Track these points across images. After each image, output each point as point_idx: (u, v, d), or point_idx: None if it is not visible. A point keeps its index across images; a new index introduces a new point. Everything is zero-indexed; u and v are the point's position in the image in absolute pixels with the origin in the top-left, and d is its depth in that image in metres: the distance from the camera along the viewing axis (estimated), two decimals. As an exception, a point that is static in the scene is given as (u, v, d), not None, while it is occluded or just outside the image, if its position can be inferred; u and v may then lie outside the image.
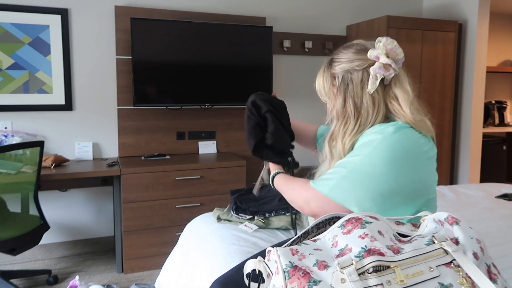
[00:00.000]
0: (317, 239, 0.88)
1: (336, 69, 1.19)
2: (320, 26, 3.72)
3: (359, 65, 1.14)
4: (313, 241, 0.88)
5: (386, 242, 0.82)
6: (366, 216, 0.89)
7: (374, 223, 0.86)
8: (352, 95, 1.14)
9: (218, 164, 3.02)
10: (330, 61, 1.23)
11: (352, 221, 0.88)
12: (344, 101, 1.16)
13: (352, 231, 0.85)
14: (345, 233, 0.86)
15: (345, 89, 1.16)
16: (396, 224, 0.91)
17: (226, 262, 1.53)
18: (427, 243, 0.82)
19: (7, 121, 2.92)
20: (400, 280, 0.75)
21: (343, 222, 0.89)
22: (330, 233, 0.88)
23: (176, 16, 3.20)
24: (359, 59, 1.15)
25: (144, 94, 3.05)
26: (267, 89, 3.34)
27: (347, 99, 1.15)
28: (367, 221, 0.87)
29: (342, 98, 1.16)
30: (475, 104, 3.67)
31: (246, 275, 0.84)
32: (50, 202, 3.07)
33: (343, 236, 0.85)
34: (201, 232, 1.90)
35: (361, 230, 0.85)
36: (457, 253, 0.80)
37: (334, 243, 0.85)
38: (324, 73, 1.22)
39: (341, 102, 1.16)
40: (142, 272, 2.85)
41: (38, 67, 2.95)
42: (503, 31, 4.80)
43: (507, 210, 2.16)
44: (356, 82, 1.14)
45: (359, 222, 0.87)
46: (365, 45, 1.18)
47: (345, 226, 0.88)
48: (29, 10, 2.89)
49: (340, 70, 1.17)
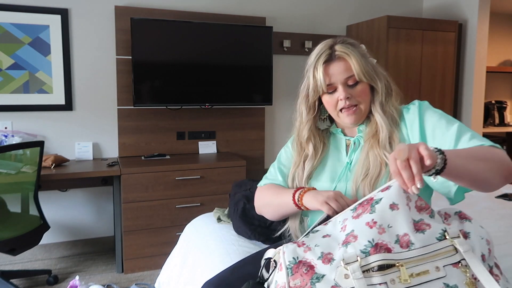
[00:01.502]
0: (328, 222, 0.88)
1: (364, 48, 1.26)
2: (320, 26, 3.72)
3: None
4: (325, 225, 0.88)
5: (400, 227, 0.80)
6: (378, 192, 0.87)
7: (384, 199, 0.84)
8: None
9: (218, 164, 3.02)
10: (349, 43, 1.23)
11: (364, 203, 0.87)
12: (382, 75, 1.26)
13: (361, 215, 0.84)
14: (354, 217, 0.85)
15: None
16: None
17: (226, 262, 1.53)
18: (439, 237, 0.80)
19: (7, 121, 2.92)
20: (405, 279, 0.74)
21: (356, 205, 0.89)
22: (342, 215, 0.88)
23: (176, 16, 3.20)
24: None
25: (144, 94, 3.05)
26: (267, 89, 3.34)
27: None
28: (377, 200, 0.85)
29: (380, 73, 1.26)
30: (475, 104, 3.67)
31: (263, 259, 0.87)
32: (50, 202, 3.07)
33: (352, 220, 0.84)
34: (201, 232, 1.90)
35: (370, 215, 0.83)
36: (468, 253, 0.78)
37: (343, 227, 0.84)
38: (360, 53, 1.22)
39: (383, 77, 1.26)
40: (142, 272, 2.84)
41: (38, 67, 2.95)
42: (503, 31, 4.80)
43: (507, 210, 2.16)
44: None
45: (369, 205, 0.85)
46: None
47: (357, 209, 0.87)
48: (29, 10, 2.89)
49: (365, 51, 1.26)
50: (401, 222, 0.80)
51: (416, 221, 0.81)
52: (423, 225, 0.81)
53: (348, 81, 1.20)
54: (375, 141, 1.21)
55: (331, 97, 1.23)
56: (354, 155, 1.26)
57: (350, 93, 1.20)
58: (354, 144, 1.27)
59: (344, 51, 1.19)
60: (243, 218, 1.73)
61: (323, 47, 1.22)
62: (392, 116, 1.22)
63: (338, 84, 1.20)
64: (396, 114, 1.23)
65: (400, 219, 0.81)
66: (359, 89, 1.21)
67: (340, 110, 1.23)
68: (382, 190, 0.87)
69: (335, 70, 1.19)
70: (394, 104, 1.25)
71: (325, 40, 1.25)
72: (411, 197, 0.86)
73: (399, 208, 0.82)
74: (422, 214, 0.83)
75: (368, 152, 1.20)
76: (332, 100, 1.23)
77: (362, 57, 1.20)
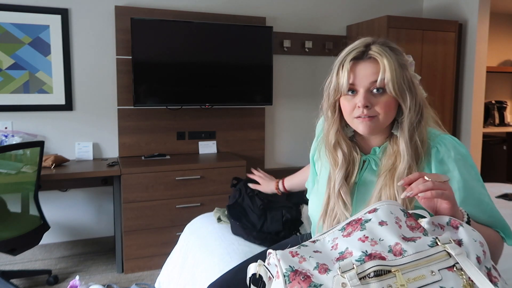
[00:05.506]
0: (316, 240, 0.88)
1: (407, 59, 1.10)
2: (320, 26, 3.72)
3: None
4: (313, 242, 0.87)
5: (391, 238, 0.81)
6: (365, 214, 0.89)
7: (373, 219, 0.86)
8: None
9: (218, 164, 3.02)
10: (389, 47, 1.06)
11: (353, 223, 0.88)
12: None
13: (352, 233, 0.85)
14: (345, 235, 0.85)
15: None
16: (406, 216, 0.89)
17: (226, 262, 1.53)
18: (430, 244, 0.81)
19: (7, 121, 2.92)
20: (401, 284, 0.74)
21: (344, 225, 0.89)
22: (330, 235, 0.87)
23: (176, 16, 3.20)
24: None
25: (144, 94, 3.05)
26: (267, 89, 3.34)
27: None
28: (366, 220, 0.86)
29: (417, 93, 1.08)
30: (475, 104, 3.67)
31: (248, 279, 0.84)
32: (50, 202, 3.07)
33: (343, 238, 0.85)
34: (201, 232, 1.90)
35: (360, 232, 0.84)
36: (460, 257, 0.79)
37: (334, 246, 0.84)
38: (398, 61, 1.04)
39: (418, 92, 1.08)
40: (142, 272, 2.85)
41: (38, 67, 2.95)
42: (503, 31, 4.80)
43: (507, 210, 2.16)
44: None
45: (358, 224, 0.87)
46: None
47: (346, 229, 0.87)
48: (29, 10, 2.89)
49: (408, 61, 1.10)
50: (392, 235, 0.82)
51: (408, 237, 0.83)
52: (415, 238, 0.83)
53: (372, 87, 1.03)
54: (390, 177, 1.05)
55: (349, 101, 1.06)
56: (363, 175, 1.13)
57: (371, 102, 1.03)
58: (363, 163, 1.13)
59: (379, 52, 1.03)
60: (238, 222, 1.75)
61: (358, 44, 1.07)
62: (417, 147, 1.05)
63: (361, 87, 1.04)
64: (421, 146, 1.05)
65: (390, 233, 0.82)
66: (383, 100, 1.03)
67: (356, 117, 1.06)
68: (369, 212, 0.88)
69: (362, 71, 1.03)
70: (423, 133, 1.06)
71: (364, 38, 1.10)
72: (400, 217, 0.87)
73: (388, 224, 0.84)
74: (415, 233, 0.85)
75: (381, 190, 1.05)
76: (349, 104, 1.06)
77: (399, 65, 1.03)
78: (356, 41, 1.09)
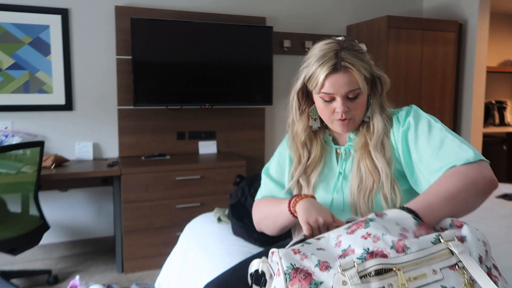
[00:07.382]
0: (321, 237, 0.88)
1: (366, 53, 1.20)
2: (320, 26, 3.72)
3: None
4: (317, 239, 0.88)
5: (393, 235, 0.81)
6: (373, 215, 0.89)
7: (377, 221, 0.86)
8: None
9: (218, 164, 3.02)
10: (355, 51, 1.15)
11: (359, 222, 0.88)
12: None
13: (356, 231, 0.85)
14: (349, 233, 0.85)
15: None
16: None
17: (226, 262, 1.53)
18: (433, 241, 0.81)
19: (7, 121, 2.92)
20: (402, 283, 0.74)
21: (349, 224, 0.89)
22: (336, 232, 0.88)
23: (176, 16, 3.20)
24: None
25: (144, 94, 3.05)
26: (267, 89, 3.34)
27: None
28: (371, 219, 0.87)
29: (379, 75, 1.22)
30: (475, 104, 3.67)
31: (249, 275, 0.84)
32: (50, 202, 3.07)
33: (346, 236, 0.85)
34: (201, 232, 1.90)
35: (364, 230, 0.84)
36: (463, 255, 0.79)
37: (338, 243, 0.84)
38: (364, 63, 1.15)
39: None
40: (142, 272, 2.84)
41: (38, 67, 2.95)
42: (503, 31, 4.79)
43: (507, 210, 2.16)
44: None
45: (363, 222, 0.87)
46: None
47: (350, 227, 0.88)
48: (29, 10, 2.89)
49: (367, 56, 1.21)
50: (396, 230, 0.82)
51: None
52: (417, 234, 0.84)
53: (349, 94, 1.14)
54: (364, 151, 1.18)
55: (327, 106, 1.17)
56: (345, 164, 1.23)
57: (349, 106, 1.15)
58: (344, 153, 1.24)
59: (351, 62, 1.12)
60: (240, 222, 1.73)
61: (328, 53, 1.13)
62: (386, 119, 1.20)
63: (338, 96, 1.14)
64: (388, 118, 1.21)
65: (394, 228, 0.83)
66: (359, 101, 1.16)
67: (336, 119, 1.19)
68: (377, 214, 0.90)
69: (339, 82, 1.12)
70: (388, 106, 1.24)
71: (329, 42, 1.17)
72: (408, 228, 0.86)
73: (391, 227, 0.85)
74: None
75: (359, 163, 1.18)
76: (327, 109, 1.18)
77: (365, 68, 1.15)
78: (323, 47, 1.16)
